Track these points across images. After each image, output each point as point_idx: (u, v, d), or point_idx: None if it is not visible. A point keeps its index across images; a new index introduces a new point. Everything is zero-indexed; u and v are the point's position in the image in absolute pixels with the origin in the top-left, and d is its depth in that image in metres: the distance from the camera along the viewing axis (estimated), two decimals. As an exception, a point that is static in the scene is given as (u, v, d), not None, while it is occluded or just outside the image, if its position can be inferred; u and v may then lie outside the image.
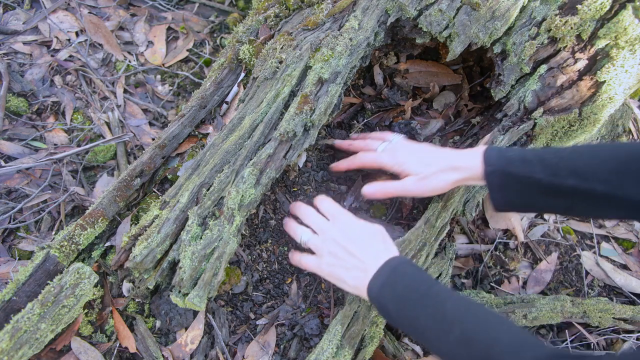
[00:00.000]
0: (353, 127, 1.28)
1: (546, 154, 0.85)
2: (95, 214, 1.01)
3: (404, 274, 0.83)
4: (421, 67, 1.35)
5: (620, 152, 0.80)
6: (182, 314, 1.03)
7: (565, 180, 0.81)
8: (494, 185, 0.89)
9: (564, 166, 0.82)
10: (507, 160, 0.88)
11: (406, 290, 0.80)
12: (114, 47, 1.50)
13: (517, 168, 0.86)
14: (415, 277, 0.82)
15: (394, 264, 0.85)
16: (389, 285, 0.82)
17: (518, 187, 0.87)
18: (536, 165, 0.84)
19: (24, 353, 0.84)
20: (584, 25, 1.04)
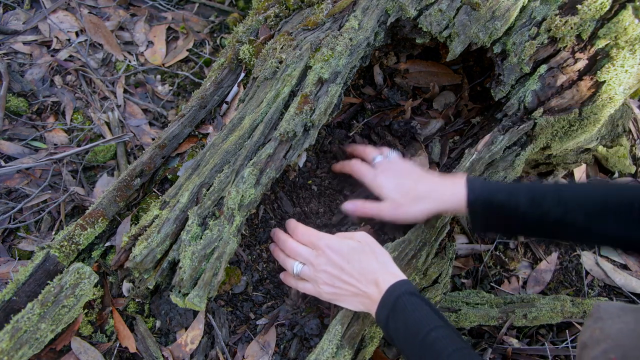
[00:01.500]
0: (353, 127, 1.28)
1: (533, 186, 0.89)
2: (95, 214, 1.01)
3: (404, 310, 0.81)
4: (421, 67, 1.35)
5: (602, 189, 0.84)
6: (182, 314, 1.03)
7: (548, 211, 0.84)
8: (476, 214, 0.90)
9: (549, 198, 0.85)
10: (491, 190, 0.89)
11: (406, 331, 0.80)
12: (114, 47, 1.50)
13: (502, 198, 0.87)
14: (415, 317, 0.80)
15: (394, 295, 0.82)
16: (393, 320, 0.82)
17: (501, 216, 0.88)
18: (522, 196, 0.86)
19: (24, 353, 0.84)
20: (584, 25, 1.04)
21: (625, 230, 0.79)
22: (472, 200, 0.90)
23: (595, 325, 0.73)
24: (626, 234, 0.79)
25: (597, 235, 0.82)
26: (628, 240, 0.80)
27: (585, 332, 0.75)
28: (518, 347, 1.20)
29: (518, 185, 0.90)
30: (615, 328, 0.70)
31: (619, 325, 0.70)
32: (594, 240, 0.84)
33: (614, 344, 0.68)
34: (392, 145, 1.29)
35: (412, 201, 0.97)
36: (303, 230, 0.99)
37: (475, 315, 1.15)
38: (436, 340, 0.76)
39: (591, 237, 0.84)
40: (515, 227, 0.90)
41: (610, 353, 0.67)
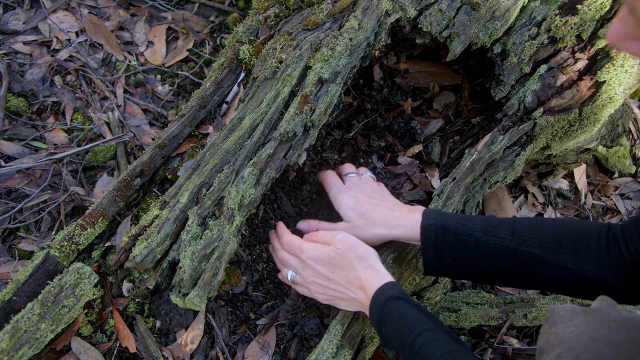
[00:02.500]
0: (353, 127, 1.28)
1: (488, 217, 0.88)
2: (95, 214, 1.01)
3: (390, 317, 0.81)
4: (421, 67, 1.35)
5: (559, 223, 0.84)
6: (182, 314, 1.03)
7: (503, 240, 0.83)
8: (429, 239, 0.87)
9: (504, 228, 0.84)
10: (447, 217, 0.89)
11: (396, 338, 0.80)
12: (114, 47, 1.50)
13: (457, 224, 0.87)
14: (401, 324, 0.79)
15: (380, 303, 0.82)
16: (384, 327, 0.82)
17: (453, 244, 0.86)
18: (478, 224, 0.86)
19: (24, 353, 0.84)
20: (584, 25, 1.04)
21: (581, 264, 0.78)
22: (425, 225, 0.88)
23: (550, 330, 0.73)
24: (582, 268, 0.78)
25: (552, 267, 0.80)
26: (584, 275, 0.78)
27: (541, 337, 0.75)
28: (518, 347, 1.20)
29: (473, 216, 0.89)
30: (567, 332, 0.71)
31: (571, 329, 0.70)
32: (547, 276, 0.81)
33: (566, 348, 0.69)
34: (392, 145, 1.29)
35: (366, 224, 0.97)
36: (286, 240, 1.00)
37: (475, 315, 1.16)
38: (423, 347, 0.75)
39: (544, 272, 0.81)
40: (467, 259, 0.86)
41: (563, 357, 0.67)
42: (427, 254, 0.88)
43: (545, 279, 0.83)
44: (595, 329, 0.68)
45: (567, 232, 0.81)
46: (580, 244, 0.79)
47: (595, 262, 0.78)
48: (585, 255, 0.78)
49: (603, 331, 0.67)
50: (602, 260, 0.77)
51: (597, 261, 0.78)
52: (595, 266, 0.78)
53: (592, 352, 0.66)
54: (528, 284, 0.87)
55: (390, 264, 0.97)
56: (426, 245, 0.88)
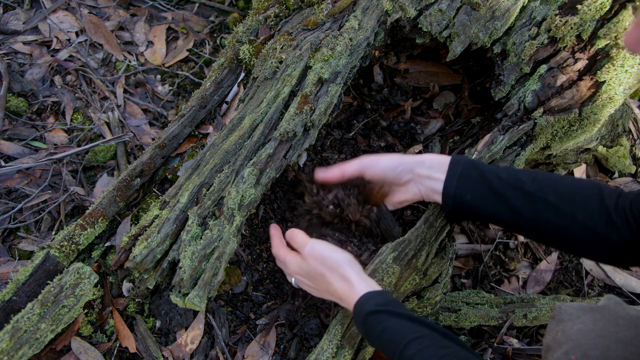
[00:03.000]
0: (353, 127, 1.28)
1: (511, 167, 0.93)
2: (95, 214, 1.01)
3: (372, 334, 0.81)
4: (421, 67, 1.35)
5: (577, 180, 0.89)
6: (182, 314, 1.03)
7: (524, 184, 0.87)
8: (455, 171, 0.91)
9: (526, 174, 0.88)
10: (474, 160, 0.94)
11: (384, 351, 0.80)
12: (114, 47, 1.50)
13: (484, 164, 0.92)
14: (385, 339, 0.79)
15: (360, 319, 0.82)
16: (370, 341, 0.84)
17: (477, 179, 0.89)
18: (502, 169, 0.91)
19: (24, 353, 0.84)
20: (584, 25, 1.04)
21: (591, 218, 0.81)
22: (454, 159, 0.92)
23: (557, 327, 0.74)
24: (591, 222, 0.81)
25: (565, 217, 0.83)
26: (592, 230, 0.81)
27: (548, 334, 0.76)
28: (518, 347, 1.20)
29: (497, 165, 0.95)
30: (575, 329, 0.71)
31: (578, 326, 0.71)
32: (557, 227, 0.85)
33: (574, 345, 0.69)
34: (392, 145, 1.30)
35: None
36: (274, 248, 1.00)
37: (475, 315, 1.15)
38: (412, 358, 0.75)
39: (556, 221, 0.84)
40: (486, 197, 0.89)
41: (571, 354, 0.68)
42: (449, 185, 0.91)
43: (554, 228, 0.85)
44: (603, 326, 0.69)
45: (583, 188, 0.85)
46: (593, 201, 0.82)
47: (604, 219, 0.80)
48: (596, 212, 0.81)
49: (611, 328, 0.68)
50: (611, 219, 0.80)
51: (606, 219, 0.80)
52: (603, 223, 0.80)
53: (600, 348, 0.66)
54: (539, 233, 0.89)
55: (390, 263, 0.97)
56: (451, 176, 0.91)
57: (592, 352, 0.67)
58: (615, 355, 0.65)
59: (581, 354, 0.67)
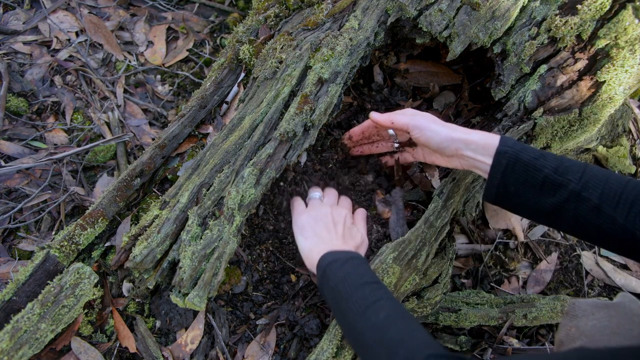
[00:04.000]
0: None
1: (561, 157, 0.89)
2: (95, 214, 1.01)
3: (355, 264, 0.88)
4: (421, 67, 1.35)
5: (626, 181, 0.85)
6: (182, 314, 1.03)
7: (569, 182, 0.85)
8: (499, 164, 0.90)
9: (574, 171, 0.86)
10: (522, 148, 0.90)
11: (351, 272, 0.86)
12: (114, 47, 1.50)
13: (530, 157, 0.89)
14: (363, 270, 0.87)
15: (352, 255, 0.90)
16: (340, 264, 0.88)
17: (521, 175, 0.88)
18: (550, 161, 0.88)
19: (24, 353, 0.84)
20: (584, 25, 1.04)
21: (632, 222, 0.80)
22: (500, 150, 0.90)
23: (571, 323, 0.74)
24: (631, 226, 0.79)
25: (605, 219, 0.82)
26: (631, 233, 0.79)
27: (561, 330, 0.76)
28: (518, 347, 1.20)
29: (547, 152, 0.91)
30: (589, 325, 0.71)
31: (593, 322, 0.71)
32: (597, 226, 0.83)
33: (587, 341, 0.70)
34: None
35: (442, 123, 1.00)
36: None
37: (475, 315, 1.15)
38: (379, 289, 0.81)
39: (596, 221, 0.83)
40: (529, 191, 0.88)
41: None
42: (493, 178, 0.90)
43: (594, 228, 0.84)
44: (618, 323, 0.69)
45: (629, 190, 0.83)
46: (636, 204, 0.80)
47: None
48: (637, 216, 0.79)
49: (626, 325, 0.68)
50: None
51: None
52: None
53: (615, 344, 0.66)
54: (577, 230, 0.87)
55: (390, 263, 0.97)
56: (495, 169, 0.90)
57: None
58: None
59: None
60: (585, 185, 0.84)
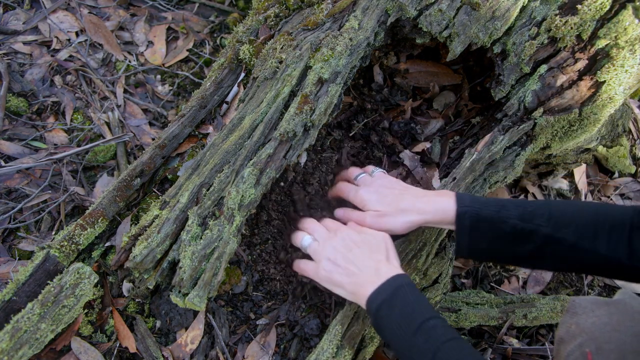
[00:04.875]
0: (353, 127, 1.28)
1: (522, 202, 0.88)
2: (95, 214, 1.01)
3: (405, 298, 0.81)
4: (421, 67, 1.35)
5: (594, 208, 0.84)
6: (182, 314, 1.03)
7: (538, 227, 0.83)
8: (463, 227, 0.88)
9: (539, 214, 0.84)
10: (481, 204, 0.89)
11: (401, 319, 0.79)
12: (114, 47, 1.50)
13: (492, 211, 0.87)
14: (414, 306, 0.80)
15: (395, 285, 0.83)
16: (388, 307, 0.82)
17: (488, 231, 0.87)
18: (512, 210, 0.86)
19: (24, 353, 0.84)
20: (584, 25, 1.04)
21: (614, 251, 0.79)
22: (460, 213, 0.88)
23: (571, 320, 0.74)
24: (615, 255, 0.79)
25: (586, 254, 0.81)
26: (617, 261, 0.79)
27: (562, 327, 0.76)
28: (518, 347, 1.20)
29: (506, 200, 0.90)
30: (589, 322, 0.72)
31: (593, 319, 0.71)
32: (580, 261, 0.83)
33: (588, 338, 0.70)
34: (393, 146, 1.29)
35: (395, 212, 0.96)
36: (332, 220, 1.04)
37: (475, 315, 1.16)
38: (434, 328, 0.76)
39: (578, 257, 0.82)
40: (501, 244, 0.87)
41: (584, 346, 0.68)
42: (462, 240, 0.89)
43: (578, 263, 0.83)
44: (618, 320, 0.69)
45: (602, 218, 0.82)
46: (614, 231, 0.80)
47: (627, 249, 0.78)
48: (619, 243, 0.79)
49: (627, 322, 0.68)
50: (635, 246, 0.78)
51: (629, 248, 0.78)
52: (627, 253, 0.78)
53: (615, 342, 0.66)
54: (561, 268, 0.87)
55: (390, 264, 0.97)
56: (461, 233, 0.89)
57: (607, 345, 0.67)
58: (631, 349, 0.65)
59: (595, 347, 0.68)
60: (555, 226, 0.83)
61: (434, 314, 0.79)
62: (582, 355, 0.69)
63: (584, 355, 0.69)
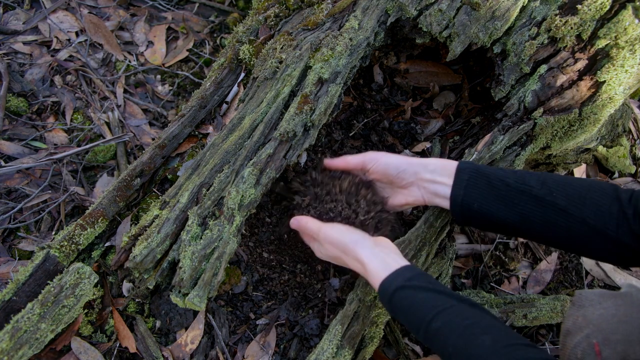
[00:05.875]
0: (353, 127, 1.28)
1: (520, 170, 0.91)
2: (95, 214, 1.01)
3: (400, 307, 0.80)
4: (421, 67, 1.35)
5: (586, 182, 0.87)
6: (182, 314, 1.03)
7: (532, 188, 0.86)
8: (461, 180, 0.90)
9: (534, 179, 0.87)
10: (482, 165, 0.93)
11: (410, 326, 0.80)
12: (114, 47, 1.50)
13: (490, 170, 0.90)
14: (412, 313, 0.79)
15: (388, 296, 0.81)
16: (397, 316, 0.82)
17: (484, 187, 0.89)
18: (509, 173, 0.89)
19: (24, 353, 0.84)
20: (584, 25, 1.04)
21: (602, 220, 0.80)
22: (461, 167, 0.91)
23: (578, 312, 0.74)
24: (602, 225, 0.80)
25: (574, 221, 0.82)
26: (603, 233, 0.80)
27: (568, 319, 0.76)
28: (518, 347, 1.20)
29: (503, 168, 0.93)
30: (596, 314, 0.72)
31: (600, 311, 0.72)
32: (568, 229, 0.84)
33: (595, 329, 0.70)
34: (393, 146, 1.29)
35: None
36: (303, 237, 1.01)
37: (475, 315, 1.15)
38: (438, 332, 0.75)
39: (566, 224, 0.83)
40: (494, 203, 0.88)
41: (592, 338, 0.69)
42: (456, 194, 0.90)
43: (564, 232, 0.84)
44: (625, 311, 0.70)
45: (592, 190, 0.83)
46: (603, 204, 0.81)
47: (615, 222, 0.79)
48: (607, 215, 0.80)
49: (634, 314, 0.69)
50: (622, 221, 0.79)
51: (617, 221, 0.79)
52: (614, 226, 0.79)
53: (622, 333, 0.67)
54: (547, 237, 0.88)
55: (390, 264, 0.97)
56: (457, 185, 0.90)
57: (614, 336, 0.67)
58: (638, 340, 0.65)
59: (602, 338, 0.68)
60: (549, 190, 0.85)
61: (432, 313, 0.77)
62: (589, 346, 0.69)
63: (591, 346, 0.69)
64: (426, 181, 0.95)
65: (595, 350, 0.68)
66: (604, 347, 0.68)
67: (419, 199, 0.97)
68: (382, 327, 0.99)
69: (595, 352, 0.68)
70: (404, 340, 1.14)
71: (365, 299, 0.96)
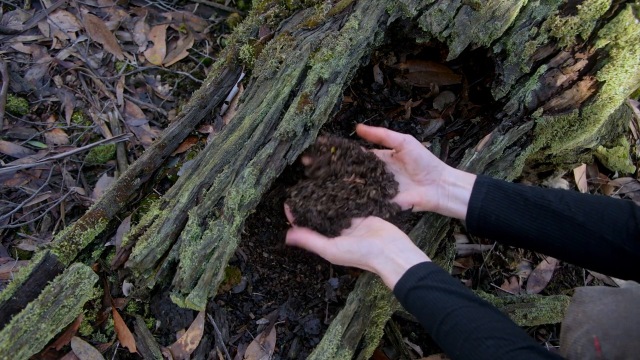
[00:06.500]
0: (353, 127, 1.28)
1: (537, 187, 0.92)
2: (95, 214, 1.01)
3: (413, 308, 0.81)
4: (421, 67, 1.35)
5: (602, 199, 0.87)
6: (182, 314, 1.03)
7: (551, 203, 0.86)
8: (479, 192, 0.90)
9: (552, 194, 0.88)
10: (499, 179, 0.93)
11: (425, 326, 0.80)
12: (114, 47, 1.50)
13: (508, 184, 0.91)
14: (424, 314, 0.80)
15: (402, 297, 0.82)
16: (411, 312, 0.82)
17: (502, 201, 0.89)
18: (528, 188, 0.90)
19: (24, 353, 0.84)
20: (584, 25, 1.04)
21: (619, 237, 0.80)
22: (479, 180, 0.92)
23: (578, 308, 0.75)
24: (620, 241, 0.80)
25: (593, 237, 0.82)
26: (620, 249, 0.80)
27: (568, 315, 0.76)
28: (518, 347, 1.20)
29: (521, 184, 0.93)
30: (596, 310, 0.72)
31: (600, 307, 0.72)
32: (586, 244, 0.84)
33: (595, 325, 0.70)
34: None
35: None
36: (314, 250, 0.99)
37: (475, 315, 1.15)
38: (447, 336, 0.75)
39: (584, 240, 0.83)
40: (511, 217, 0.88)
41: (592, 333, 0.69)
42: (474, 206, 0.91)
43: (582, 247, 0.84)
44: (626, 307, 0.70)
45: (609, 206, 0.84)
46: (621, 219, 0.81)
47: (633, 238, 0.79)
48: (624, 231, 0.80)
49: (634, 310, 0.69)
50: (638, 238, 0.79)
51: (634, 238, 0.79)
52: (632, 242, 0.79)
53: (622, 328, 0.67)
54: (565, 252, 0.88)
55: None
56: (475, 198, 0.91)
57: (614, 331, 0.67)
58: (637, 335, 0.65)
59: (602, 333, 0.68)
60: (567, 206, 0.85)
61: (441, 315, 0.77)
62: (588, 342, 0.69)
63: (590, 341, 0.69)
64: (448, 183, 0.95)
65: (594, 345, 0.69)
66: (603, 342, 0.68)
67: (432, 201, 0.96)
68: (382, 327, 0.99)
69: (594, 347, 0.69)
70: (404, 340, 1.14)
71: (365, 299, 0.96)
